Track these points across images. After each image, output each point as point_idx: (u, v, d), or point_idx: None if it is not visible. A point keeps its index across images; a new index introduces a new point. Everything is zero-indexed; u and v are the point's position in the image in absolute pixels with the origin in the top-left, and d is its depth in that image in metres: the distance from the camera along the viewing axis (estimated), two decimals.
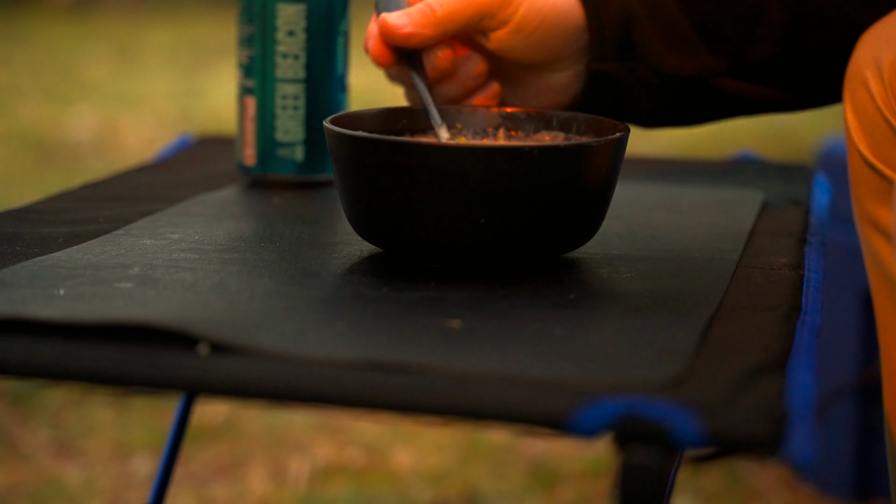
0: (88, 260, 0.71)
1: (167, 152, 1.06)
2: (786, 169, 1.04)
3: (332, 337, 0.59)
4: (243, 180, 0.95)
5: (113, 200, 0.86)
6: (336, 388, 0.53)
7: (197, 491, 1.77)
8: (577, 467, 1.85)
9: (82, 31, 6.49)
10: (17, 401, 2.06)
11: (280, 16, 0.93)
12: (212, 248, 0.75)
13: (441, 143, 0.70)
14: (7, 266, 0.69)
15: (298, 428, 1.96)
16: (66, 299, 0.63)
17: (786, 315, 0.62)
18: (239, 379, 0.54)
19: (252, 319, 0.61)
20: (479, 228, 0.69)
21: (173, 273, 0.69)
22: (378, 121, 0.80)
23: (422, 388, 0.53)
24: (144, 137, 4.15)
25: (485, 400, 0.52)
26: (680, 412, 0.48)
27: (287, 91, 0.94)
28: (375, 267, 0.72)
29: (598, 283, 0.71)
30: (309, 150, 0.94)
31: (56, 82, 5.11)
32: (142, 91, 4.94)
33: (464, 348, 0.58)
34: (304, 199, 0.90)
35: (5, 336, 0.58)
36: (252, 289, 0.67)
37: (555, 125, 0.81)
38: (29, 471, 1.82)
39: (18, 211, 0.82)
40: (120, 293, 0.65)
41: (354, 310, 0.64)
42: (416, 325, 0.61)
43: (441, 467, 1.84)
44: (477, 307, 0.64)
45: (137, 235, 0.77)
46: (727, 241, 0.78)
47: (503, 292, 0.67)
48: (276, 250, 0.75)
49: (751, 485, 1.78)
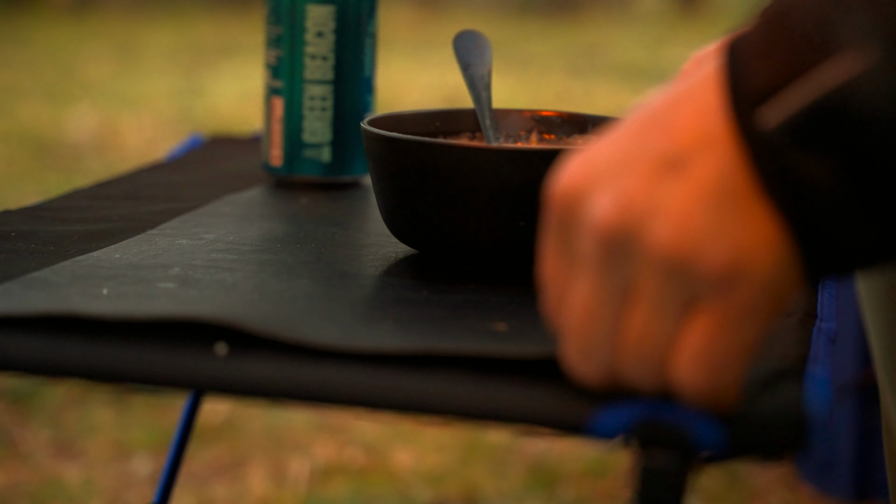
0: (127, 260, 0.71)
1: (179, 152, 1.06)
2: None
3: (381, 334, 0.59)
4: (268, 180, 0.95)
5: (126, 199, 0.87)
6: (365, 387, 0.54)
7: (197, 491, 1.77)
8: (577, 467, 1.85)
9: (82, 31, 6.49)
10: (17, 401, 2.06)
11: (309, 17, 0.93)
12: (248, 248, 0.75)
13: (480, 146, 0.70)
14: (20, 264, 0.69)
15: (298, 428, 1.96)
16: (111, 298, 0.63)
17: (801, 322, 0.62)
18: (253, 378, 0.55)
19: (300, 318, 0.61)
20: (518, 231, 0.69)
21: (213, 273, 0.69)
22: (413, 123, 0.81)
23: (432, 390, 0.53)
24: (144, 137, 4.15)
25: (499, 402, 0.52)
26: (700, 417, 0.48)
27: (315, 92, 0.94)
28: (412, 269, 0.72)
29: None
30: (336, 151, 0.94)
31: (56, 82, 5.11)
32: (142, 91, 4.94)
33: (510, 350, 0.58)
34: (332, 199, 0.90)
35: (18, 332, 0.58)
36: (293, 290, 0.67)
37: (589, 129, 0.81)
38: (29, 471, 1.82)
39: (32, 209, 0.83)
40: (163, 293, 0.65)
41: (399, 311, 0.64)
42: (462, 328, 0.61)
43: (441, 467, 1.85)
44: (520, 310, 0.64)
45: (172, 235, 0.77)
46: None
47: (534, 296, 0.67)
48: (311, 251, 0.75)
49: (751, 485, 1.79)
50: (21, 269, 0.68)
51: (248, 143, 1.10)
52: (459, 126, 0.82)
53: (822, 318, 0.64)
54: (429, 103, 4.79)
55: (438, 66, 5.71)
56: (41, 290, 0.64)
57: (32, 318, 0.59)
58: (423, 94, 5.07)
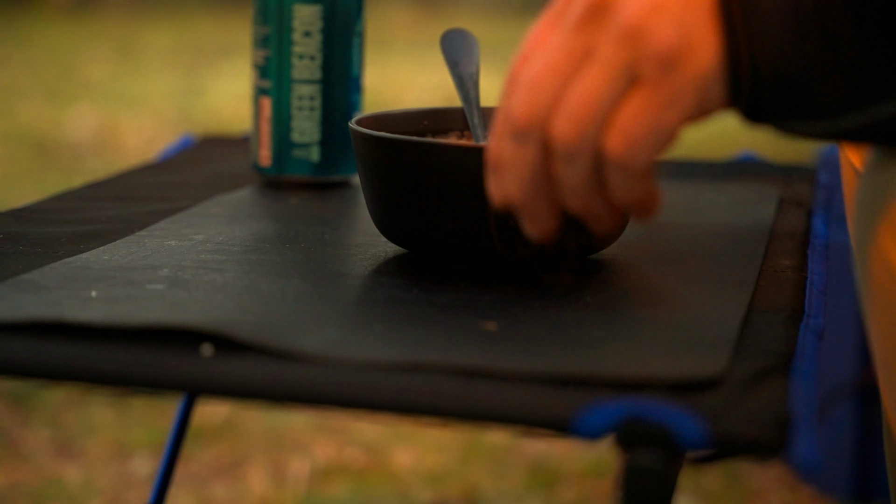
0: (117, 261, 0.71)
1: (170, 152, 1.06)
2: (787, 170, 1.04)
3: (373, 339, 0.59)
4: (257, 181, 0.95)
5: (116, 200, 0.86)
6: (361, 390, 0.53)
7: (197, 491, 1.77)
8: (577, 467, 1.85)
9: (82, 31, 6.49)
10: (17, 401, 2.06)
11: (297, 17, 0.93)
12: (237, 249, 0.75)
13: (468, 145, 0.70)
14: (8, 265, 0.69)
15: (298, 428, 1.96)
16: (101, 301, 0.63)
17: (789, 318, 0.62)
18: (242, 379, 0.54)
19: (291, 322, 0.61)
20: (509, 230, 0.69)
21: (203, 274, 0.69)
22: (401, 122, 0.80)
23: (426, 390, 0.53)
24: (144, 137, 4.15)
25: (486, 402, 0.52)
26: (684, 415, 0.48)
27: (303, 92, 0.94)
28: (401, 268, 0.72)
29: (628, 284, 0.71)
30: (325, 150, 0.94)
31: (56, 82, 5.11)
32: (142, 91, 4.94)
33: (501, 349, 0.58)
34: (322, 199, 0.90)
35: (8, 336, 0.58)
36: (283, 290, 0.67)
37: None
38: (29, 471, 1.82)
39: (21, 210, 0.82)
40: (153, 295, 0.65)
41: (389, 311, 0.64)
42: (452, 327, 0.61)
43: (441, 467, 1.84)
44: (509, 309, 0.64)
45: (161, 236, 0.77)
46: (748, 241, 0.79)
47: (532, 294, 0.67)
48: (301, 251, 0.75)
49: (751, 485, 1.79)
50: (9, 271, 0.68)
51: (239, 143, 1.10)
52: (448, 125, 0.82)
53: (810, 315, 0.64)
54: (428, 103, 4.80)
55: (438, 66, 5.71)
56: (31, 293, 0.64)
57: (22, 324, 0.59)
58: (422, 94, 5.07)
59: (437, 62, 5.78)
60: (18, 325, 0.59)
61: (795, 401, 0.51)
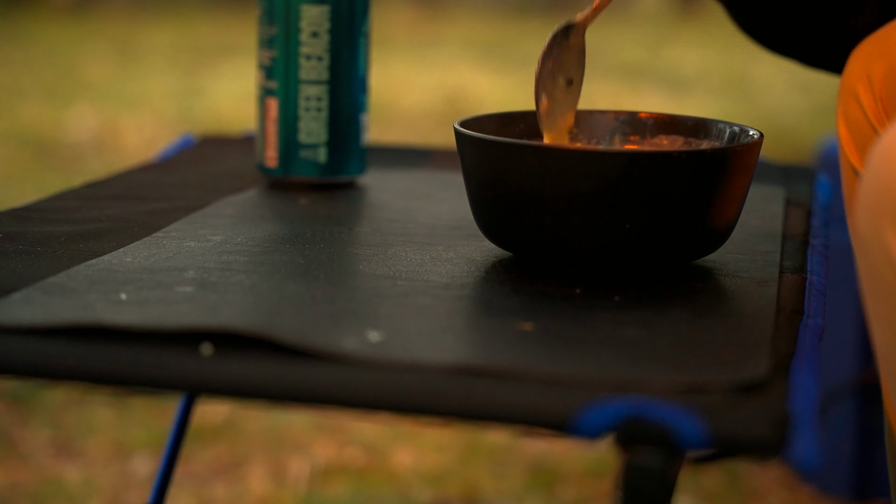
0: (140, 263, 0.71)
1: (169, 152, 1.06)
2: (787, 170, 1.04)
3: (415, 341, 0.59)
4: (261, 181, 0.95)
5: (115, 199, 0.86)
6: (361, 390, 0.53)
7: (197, 491, 1.77)
8: (577, 467, 1.85)
9: (82, 31, 6.49)
10: (17, 401, 2.06)
11: (304, 17, 0.93)
12: (258, 249, 0.75)
13: (580, 148, 0.69)
14: (7, 265, 0.69)
15: (298, 428, 1.96)
16: (132, 304, 0.63)
17: (788, 318, 0.62)
18: (242, 379, 0.54)
19: (330, 324, 0.61)
20: (623, 234, 0.69)
21: (229, 276, 0.69)
22: (497, 125, 0.80)
23: (426, 389, 0.53)
24: (144, 137, 4.15)
25: (489, 402, 0.52)
26: (684, 415, 0.48)
27: (310, 92, 0.94)
28: (423, 267, 0.73)
29: (652, 283, 0.71)
30: (332, 151, 0.94)
31: (56, 82, 5.11)
32: (142, 91, 4.94)
33: (537, 351, 0.58)
34: (331, 200, 0.90)
35: (8, 337, 0.58)
36: (312, 292, 0.67)
37: (675, 129, 0.80)
38: (29, 471, 1.82)
39: (20, 210, 0.82)
40: (183, 297, 0.65)
41: (421, 311, 0.64)
42: (491, 329, 0.61)
43: (441, 467, 1.84)
44: (545, 308, 0.64)
45: (179, 238, 0.77)
46: (762, 241, 0.79)
47: (564, 293, 0.67)
48: (323, 251, 0.75)
49: (751, 485, 1.79)
50: (8, 270, 0.68)
51: (239, 143, 1.10)
52: None
53: (809, 315, 0.64)
54: (429, 103, 4.79)
55: (438, 66, 5.70)
56: (61, 296, 0.64)
57: (60, 328, 0.59)
58: (423, 94, 5.07)
59: (437, 62, 5.78)
60: (55, 330, 0.59)
61: (795, 401, 0.51)
